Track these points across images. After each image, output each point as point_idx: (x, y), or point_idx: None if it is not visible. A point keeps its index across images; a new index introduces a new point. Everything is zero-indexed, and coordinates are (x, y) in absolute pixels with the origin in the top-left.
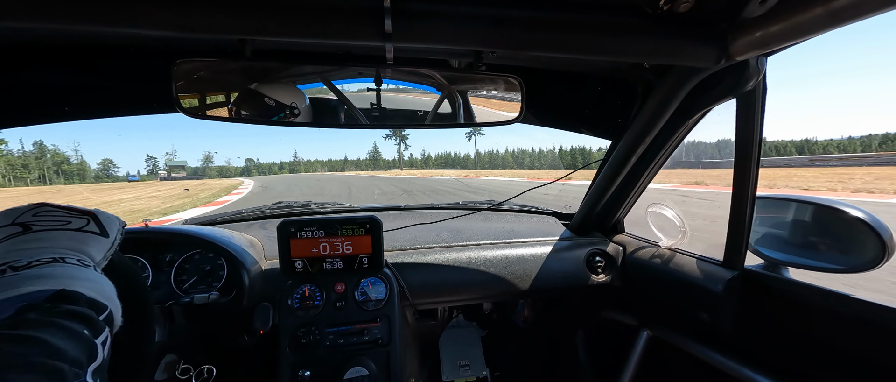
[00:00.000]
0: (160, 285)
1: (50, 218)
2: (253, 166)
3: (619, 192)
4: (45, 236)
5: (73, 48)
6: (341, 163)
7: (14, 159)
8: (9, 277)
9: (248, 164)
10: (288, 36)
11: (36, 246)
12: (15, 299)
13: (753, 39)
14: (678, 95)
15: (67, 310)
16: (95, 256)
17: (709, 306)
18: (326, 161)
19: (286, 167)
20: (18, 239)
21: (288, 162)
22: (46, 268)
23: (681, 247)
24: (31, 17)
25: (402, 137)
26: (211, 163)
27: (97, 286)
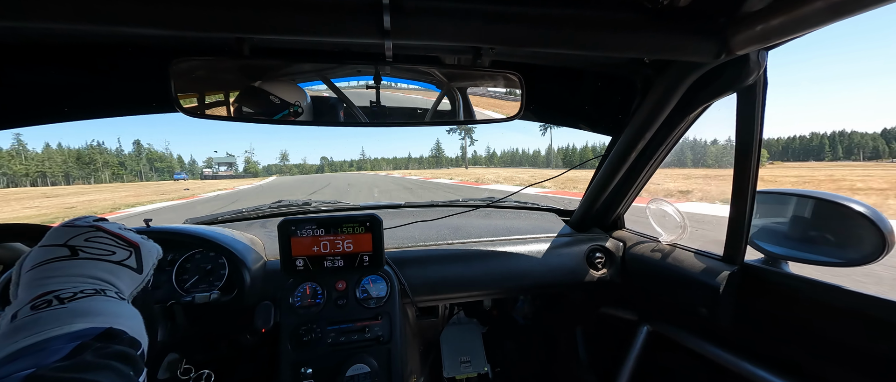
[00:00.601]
0: (161, 284)
1: (98, 246)
2: (327, 164)
3: (619, 188)
4: (88, 266)
5: (70, 47)
6: (405, 161)
7: (111, 156)
8: (57, 310)
9: (323, 162)
10: (286, 33)
11: (79, 274)
12: (68, 336)
13: (754, 33)
14: (678, 91)
15: (117, 351)
16: (126, 291)
17: (708, 300)
18: (392, 159)
19: (354, 165)
20: (64, 264)
21: (356, 160)
22: (91, 302)
23: (681, 242)
24: (28, 17)
25: (468, 131)
26: (287, 161)
27: (135, 324)
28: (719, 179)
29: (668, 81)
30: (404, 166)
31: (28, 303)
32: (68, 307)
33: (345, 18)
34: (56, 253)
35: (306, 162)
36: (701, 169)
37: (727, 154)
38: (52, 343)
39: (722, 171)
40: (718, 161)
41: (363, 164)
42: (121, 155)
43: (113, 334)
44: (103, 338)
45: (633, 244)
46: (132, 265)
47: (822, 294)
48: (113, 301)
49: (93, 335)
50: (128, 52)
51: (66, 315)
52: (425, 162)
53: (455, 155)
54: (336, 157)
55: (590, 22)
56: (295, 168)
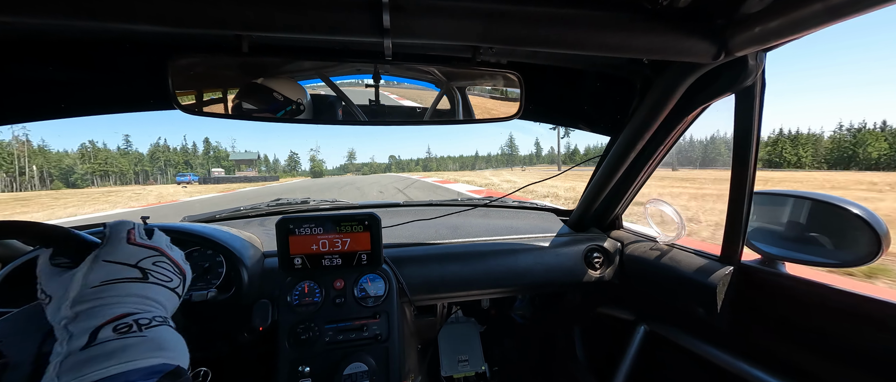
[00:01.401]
0: None
1: (163, 272)
2: (394, 162)
3: (617, 188)
4: (155, 290)
5: (67, 43)
6: (472, 159)
7: (176, 155)
8: (138, 338)
9: (391, 161)
10: (285, 31)
11: (150, 298)
12: (146, 370)
13: (752, 35)
14: (676, 91)
15: None
16: (171, 315)
17: (705, 300)
18: (458, 157)
19: (420, 164)
20: (137, 286)
21: (422, 159)
22: (163, 332)
23: (678, 242)
24: (25, 12)
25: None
26: (354, 160)
27: (186, 354)
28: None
29: (667, 81)
30: (471, 165)
31: (110, 323)
32: (147, 337)
33: (344, 16)
34: (128, 274)
35: (375, 161)
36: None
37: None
38: (134, 375)
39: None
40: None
41: (429, 162)
42: (187, 154)
43: (180, 373)
44: (171, 377)
45: (630, 244)
46: (180, 291)
47: (817, 295)
48: (175, 334)
49: (165, 371)
50: (126, 48)
51: (146, 347)
52: (493, 161)
53: (528, 152)
54: (404, 155)
55: (589, 22)
56: (365, 167)
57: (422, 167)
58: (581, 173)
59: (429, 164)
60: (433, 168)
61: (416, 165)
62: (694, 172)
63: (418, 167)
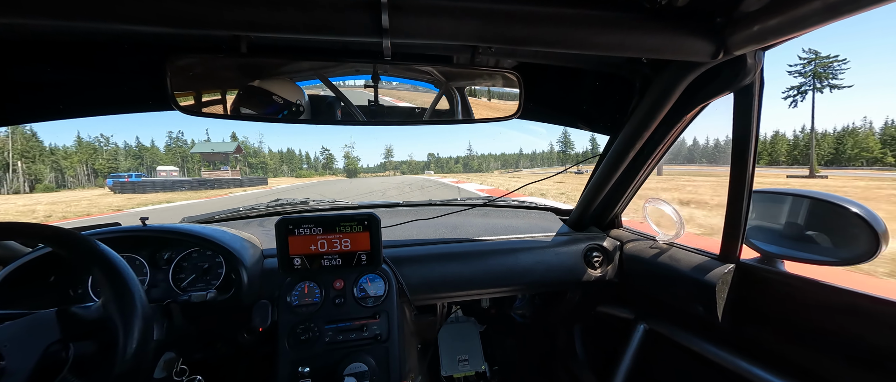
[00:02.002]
0: (158, 283)
1: None
2: (433, 161)
3: (616, 187)
4: None
5: (65, 44)
6: (516, 157)
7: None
8: None
9: (430, 158)
10: (284, 31)
11: None
12: None
13: (751, 33)
14: (676, 90)
15: None
16: None
17: (704, 299)
18: (499, 156)
19: (461, 162)
20: None
21: (462, 157)
22: None
23: (677, 241)
24: (23, 13)
25: None
26: (392, 157)
27: None
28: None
29: (666, 80)
30: (515, 163)
31: None
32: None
33: (343, 17)
34: None
35: (413, 158)
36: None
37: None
38: None
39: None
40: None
41: (470, 161)
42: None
43: None
44: None
45: (629, 243)
46: None
47: (816, 292)
48: None
49: None
50: (124, 49)
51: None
52: (539, 159)
53: (584, 149)
54: (443, 153)
55: (588, 21)
56: (404, 165)
57: (462, 166)
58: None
59: (470, 162)
60: (475, 167)
61: (455, 163)
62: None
63: (458, 166)
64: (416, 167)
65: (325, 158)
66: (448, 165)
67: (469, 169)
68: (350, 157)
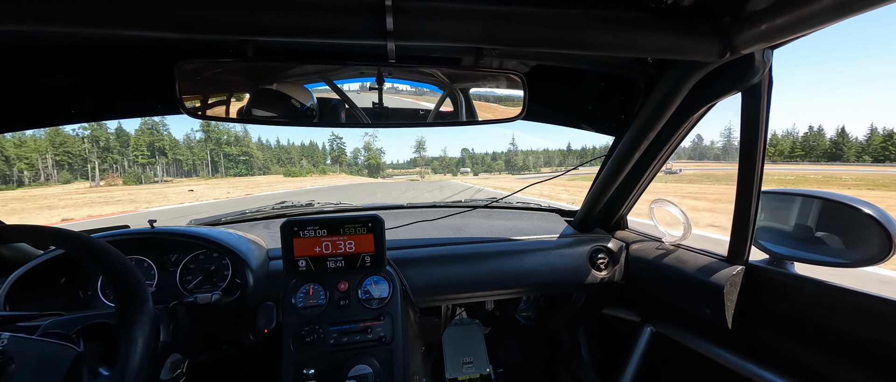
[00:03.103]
0: (165, 285)
1: None
2: (467, 156)
3: (622, 188)
4: None
5: (77, 50)
6: (560, 154)
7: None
8: None
9: (464, 154)
10: (289, 36)
11: None
12: None
13: (758, 32)
14: (682, 90)
15: None
16: None
17: (712, 301)
18: (543, 151)
19: (500, 159)
20: None
21: (502, 152)
22: None
23: (684, 243)
24: (36, 21)
25: None
26: (423, 151)
27: None
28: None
29: (672, 80)
30: (560, 161)
31: None
32: None
33: (347, 20)
34: None
35: (447, 154)
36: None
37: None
38: None
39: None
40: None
41: (512, 156)
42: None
43: None
44: None
45: (635, 244)
46: None
47: (827, 295)
48: None
49: None
50: (134, 54)
51: None
52: (589, 155)
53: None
54: (478, 149)
55: (593, 21)
56: (435, 162)
57: (503, 161)
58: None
59: (513, 159)
60: (519, 164)
61: (493, 160)
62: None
63: (497, 163)
64: (448, 165)
65: (338, 149)
66: (485, 161)
67: (512, 167)
68: (372, 149)
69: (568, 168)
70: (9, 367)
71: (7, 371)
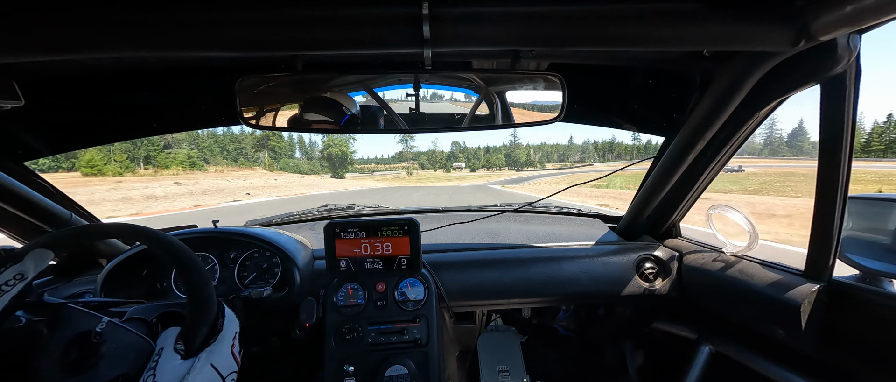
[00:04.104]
0: (225, 279)
1: None
2: (459, 150)
3: (673, 193)
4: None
5: (155, 73)
6: (605, 146)
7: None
8: None
9: (454, 147)
10: (335, 48)
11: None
12: None
13: (842, 15)
14: (746, 84)
15: None
16: None
17: (786, 321)
18: (563, 146)
19: (502, 151)
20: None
21: (504, 146)
22: None
23: (749, 254)
24: (130, 48)
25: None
26: (410, 142)
27: None
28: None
29: (734, 74)
30: (605, 152)
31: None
32: None
33: (386, 30)
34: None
35: (436, 148)
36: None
37: None
38: None
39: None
40: None
41: (513, 150)
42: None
43: None
44: None
45: (690, 254)
46: None
47: None
48: None
49: None
50: (202, 73)
51: None
52: (631, 150)
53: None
54: (469, 143)
55: (640, 16)
56: (423, 156)
57: (505, 157)
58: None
59: (514, 153)
60: (522, 160)
61: (487, 153)
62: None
63: (496, 158)
64: (438, 160)
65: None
66: (478, 155)
67: (514, 163)
68: (335, 142)
69: (611, 171)
70: (103, 347)
71: (101, 350)
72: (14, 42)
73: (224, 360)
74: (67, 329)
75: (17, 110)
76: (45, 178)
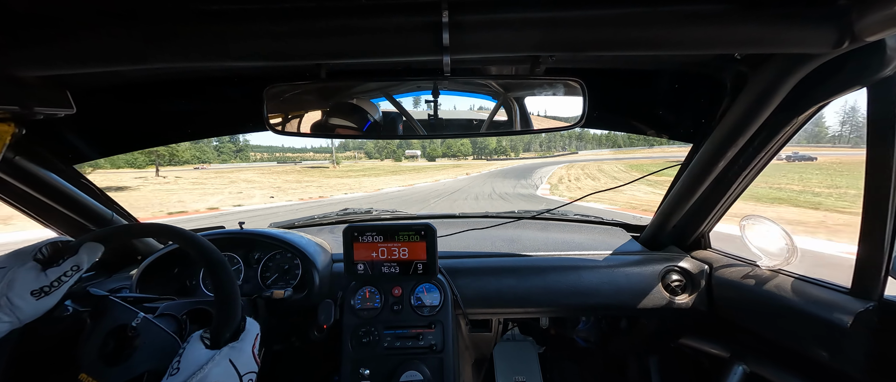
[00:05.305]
0: (250, 279)
1: None
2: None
3: (702, 202)
4: None
5: (190, 82)
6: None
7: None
8: None
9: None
10: (357, 56)
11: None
12: None
13: (891, 14)
14: (782, 88)
15: None
16: None
17: (830, 342)
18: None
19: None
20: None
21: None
22: None
23: (787, 268)
24: (174, 59)
25: None
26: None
27: None
28: None
29: (769, 77)
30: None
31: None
32: None
33: (406, 38)
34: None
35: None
36: None
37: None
38: None
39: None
40: None
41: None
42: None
43: None
44: None
45: (722, 268)
46: None
47: None
48: None
49: None
50: (234, 82)
51: None
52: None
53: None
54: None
55: (669, 19)
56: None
57: (470, 143)
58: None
59: (482, 139)
60: (491, 146)
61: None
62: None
63: (462, 143)
64: (380, 146)
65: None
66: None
67: (482, 151)
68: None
69: (635, 179)
70: (136, 341)
71: (135, 343)
72: (69, 56)
73: (244, 358)
74: (108, 321)
75: (69, 117)
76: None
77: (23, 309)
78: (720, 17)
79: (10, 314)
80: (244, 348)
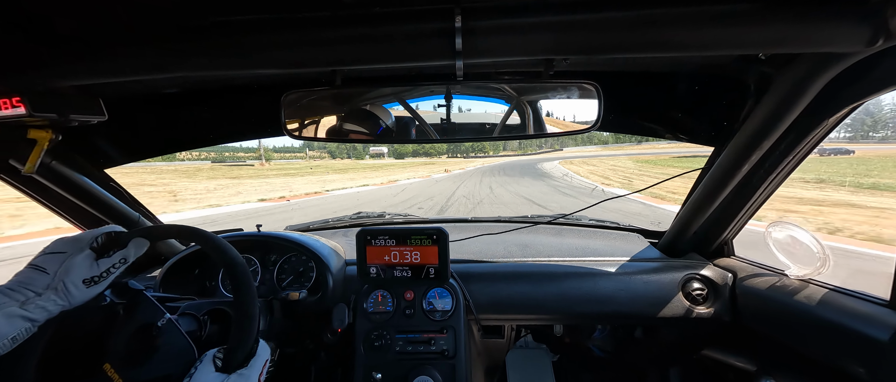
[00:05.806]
0: (266, 281)
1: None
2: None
3: (725, 207)
4: None
5: (213, 91)
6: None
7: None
8: None
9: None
10: (371, 63)
11: None
12: None
13: None
14: (811, 89)
15: None
16: None
17: (867, 358)
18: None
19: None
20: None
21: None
22: None
23: (818, 278)
24: (199, 68)
25: None
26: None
27: None
28: None
29: (796, 78)
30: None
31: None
32: None
33: (420, 44)
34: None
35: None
36: None
37: None
38: None
39: None
40: None
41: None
42: None
43: None
44: None
45: (747, 277)
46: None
47: None
48: None
49: None
50: (253, 89)
51: None
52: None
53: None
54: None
55: (689, 19)
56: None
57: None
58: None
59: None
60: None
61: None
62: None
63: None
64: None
65: None
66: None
67: (456, 148)
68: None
69: (657, 182)
70: (158, 341)
71: (157, 343)
72: (103, 69)
73: None
74: (139, 315)
75: (101, 124)
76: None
77: (74, 295)
78: (744, 17)
79: (64, 298)
80: (251, 375)
